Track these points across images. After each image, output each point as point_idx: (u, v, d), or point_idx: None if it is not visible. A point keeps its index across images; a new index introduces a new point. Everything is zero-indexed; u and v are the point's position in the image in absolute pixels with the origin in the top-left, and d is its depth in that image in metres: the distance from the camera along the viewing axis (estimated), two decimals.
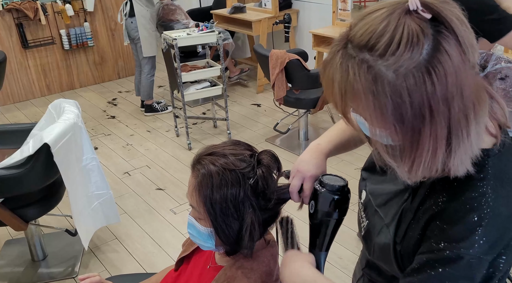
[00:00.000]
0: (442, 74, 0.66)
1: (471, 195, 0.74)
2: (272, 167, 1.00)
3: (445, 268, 0.73)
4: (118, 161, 3.62)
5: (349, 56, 0.69)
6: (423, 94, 0.66)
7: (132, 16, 4.03)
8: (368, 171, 0.98)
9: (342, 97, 0.71)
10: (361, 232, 0.97)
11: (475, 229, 0.72)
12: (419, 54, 0.65)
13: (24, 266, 2.51)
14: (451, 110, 0.68)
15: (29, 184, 2.05)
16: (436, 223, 0.76)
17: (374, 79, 0.67)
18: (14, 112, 4.71)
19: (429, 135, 0.69)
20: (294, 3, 4.77)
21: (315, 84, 3.35)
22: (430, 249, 0.76)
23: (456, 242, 0.73)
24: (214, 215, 0.97)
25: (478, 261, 0.72)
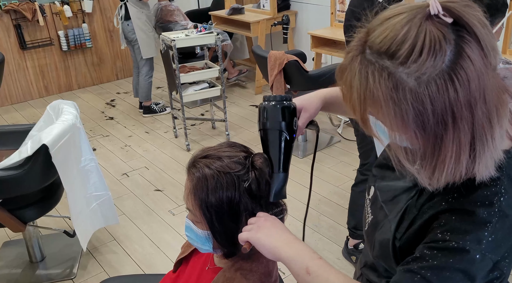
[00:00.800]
0: (465, 80, 0.64)
1: (483, 193, 0.73)
2: (265, 170, 1.00)
3: (448, 259, 0.72)
4: (116, 162, 3.62)
5: (369, 63, 0.68)
6: (446, 101, 0.65)
7: (128, 19, 4.04)
8: (380, 168, 0.97)
9: (361, 104, 0.70)
10: (365, 227, 0.97)
11: (485, 225, 0.71)
12: (441, 62, 0.64)
13: (22, 268, 2.51)
14: (475, 115, 0.66)
15: (27, 185, 2.04)
16: (445, 215, 0.75)
17: (395, 87, 0.65)
18: (12, 113, 4.70)
19: (452, 141, 0.67)
20: (293, 4, 4.78)
21: (313, 85, 3.35)
22: (434, 239, 0.74)
23: (463, 235, 0.71)
24: (210, 218, 0.97)
25: (482, 258, 0.71)
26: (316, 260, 0.84)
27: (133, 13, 4.02)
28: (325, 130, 3.96)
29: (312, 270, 0.82)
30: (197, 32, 3.51)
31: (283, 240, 0.88)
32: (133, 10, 4.01)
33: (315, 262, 0.84)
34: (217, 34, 3.51)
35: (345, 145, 3.65)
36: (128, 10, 4.01)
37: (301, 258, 0.84)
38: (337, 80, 0.76)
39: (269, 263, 1.05)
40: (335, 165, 3.34)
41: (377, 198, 0.93)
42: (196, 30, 3.56)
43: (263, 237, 0.88)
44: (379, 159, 1.00)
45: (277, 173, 0.97)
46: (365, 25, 0.73)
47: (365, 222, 0.98)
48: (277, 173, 0.97)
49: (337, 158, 3.44)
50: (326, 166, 3.33)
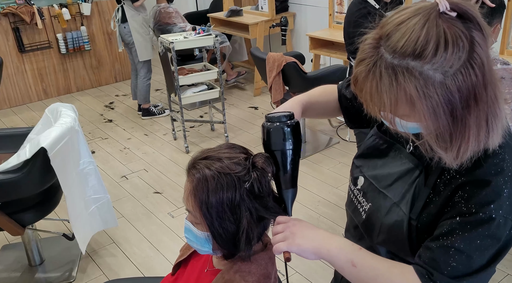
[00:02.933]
0: (480, 64, 0.72)
1: (494, 161, 0.80)
2: (267, 170, 1.00)
3: (477, 229, 0.79)
4: (115, 164, 3.62)
5: (394, 66, 0.73)
6: (469, 86, 0.72)
7: (124, 21, 4.04)
8: (364, 158, 1.02)
9: (392, 106, 0.75)
10: (361, 217, 0.98)
11: (503, 191, 0.79)
12: (464, 53, 0.71)
13: (21, 271, 2.50)
14: (488, 94, 0.74)
15: (26, 188, 2.04)
16: (466, 188, 0.81)
17: (425, 83, 0.71)
18: (11, 116, 4.70)
19: (474, 121, 0.75)
20: (291, 6, 4.79)
21: (312, 86, 3.34)
22: (461, 213, 0.80)
23: (487, 205, 0.78)
24: (211, 219, 0.97)
25: (504, 221, 0.79)
26: (358, 252, 0.88)
27: (130, 16, 4.02)
28: (324, 132, 3.96)
29: (356, 262, 0.86)
30: (195, 34, 3.52)
31: (320, 239, 0.90)
32: (130, 12, 4.01)
33: (357, 253, 0.88)
34: (215, 36, 3.51)
35: (343, 146, 3.65)
36: (125, 13, 4.01)
37: (344, 252, 0.88)
38: (353, 89, 0.81)
39: (267, 265, 1.05)
40: (334, 166, 3.34)
41: (372, 186, 0.97)
42: (195, 32, 3.56)
43: (302, 242, 0.89)
44: (361, 150, 1.03)
45: (288, 189, 0.99)
46: (368, 32, 0.78)
47: (358, 213, 1.00)
48: (289, 189, 0.99)
49: (336, 159, 3.44)
50: (325, 167, 3.33)
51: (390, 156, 0.95)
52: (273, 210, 1.01)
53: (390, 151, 0.96)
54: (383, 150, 0.97)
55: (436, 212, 0.85)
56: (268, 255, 1.07)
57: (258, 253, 1.05)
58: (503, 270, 2.33)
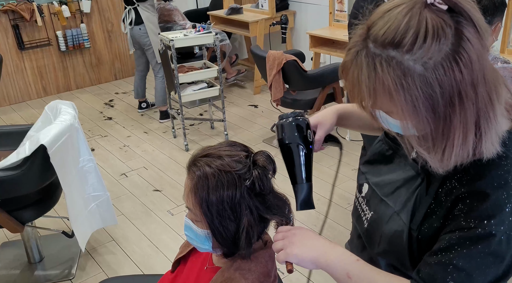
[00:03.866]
0: (468, 61, 0.68)
1: (497, 173, 0.75)
2: (268, 168, 1.00)
3: (477, 246, 0.74)
4: (115, 162, 3.61)
5: (374, 55, 0.70)
6: (453, 82, 0.68)
7: (139, 23, 3.94)
8: (370, 164, 0.98)
9: (371, 96, 0.72)
10: (363, 225, 0.96)
11: (505, 205, 0.74)
12: (445, 45, 0.67)
13: (21, 269, 2.50)
14: (478, 94, 0.70)
15: (25, 186, 2.04)
16: (466, 201, 0.76)
17: (404, 74, 0.68)
18: (10, 114, 4.69)
19: (460, 121, 0.70)
20: (291, 4, 4.78)
21: (312, 85, 3.35)
22: (460, 227, 0.76)
23: (487, 220, 0.73)
24: (211, 217, 0.97)
25: (508, 238, 0.74)
26: (355, 263, 0.85)
27: (146, 17, 3.94)
28: None
29: (352, 274, 0.83)
30: (195, 32, 3.51)
31: (318, 248, 0.88)
32: (145, 14, 3.93)
33: (355, 265, 0.84)
34: (215, 34, 3.50)
35: (344, 145, 3.65)
36: (139, 14, 3.92)
37: (341, 263, 0.85)
38: (341, 78, 0.78)
39: (267, 263, 1.05)
40: (334, 165, 3.34)
41: (374, 193, 0.93)
42: (195, 30, 3.55)
43: (300, 252, 0.88)
44: (367, 156, 1.01)
45: (301, 184, 1.00)
46: (364, 22, 0.75)
47: (361, 220, 0.98)
48: (301, 183, 1.00)
49: (336, 158, 3.44)
50: (325, 166, 3.33)
51: (395, 163, 0.92)
52: (273, 209, 1.01)
53: (395, 157, 0.93)
54: (388, 156, 0.95)
55: (438, 224, 0.80)
56: (268, 253, 1.07)
57: (258, 251, 1.05)
58: None
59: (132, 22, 3.96)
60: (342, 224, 2.69)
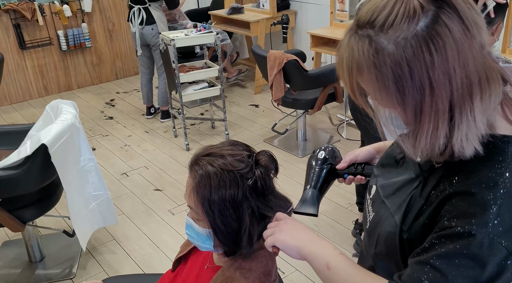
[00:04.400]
0: (441, 45, 0.67)
1: (488, 175, 0.73)
2: (270, 167, 1.00)
3: (455, 245, 0.71)
4: (116, 162, 3.62)
5: (356, 35, 0.73)
6: (422, 64, 0.68)
7: (150, 23, 3.89)
8: (382, 167, 0.99)
9: (350, 74, 0.75)
10: (366, 226, 0.97)
11: (490, 207, 0.70)
12: (415, 25, 0.68)
13: (21, 268, 2.51)
14: (453, 84, 0.69)
15: (26, 185, 2.04)
16: (452, 201, 0.74)
17: (376, 52, 0.70)
18: (12, 113, 4.70)
19: (430, 107, 0.70)
20: (292, 4, 4.78)
21: (313, 84, 3.35)
22: (442, 227, 0.74)
23: (469, 219, 0.71)
24: (213, 216, 0.97)
25: (490, 242, 0.69)
26: (337, 256, 0.85)
27: (158, 17, 3.91)
28: (325, 130, 3.96)
29: (332, 265, 0.84)
30: (196, 32, 3.51)
31: (305, 239, 0.90)
32: (157, 14, 3.90)
33: (336, 258, 0.85)
34: (216, 33, 3.50)
35: (344, 145, 3.65)
36: (150, 14, 3.88)
37: (322, 254, 0.86)
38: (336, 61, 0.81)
39: (268, 262, 1.05)
40: None
41: (378, 195, 0.94)
42: (196, 29, 3.55)
43: (287, 239, 0.90)
44: (381, 159, 1.02)
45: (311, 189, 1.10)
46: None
47: (365, 221, 0.98)
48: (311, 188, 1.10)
49: None
50: None
51: (404, 166, 0.91)
52: (275, 208, 1.01)
53: (405, 160, 0.92)
54: (399, 160, 0.94)
55: (425, 225, 0.78)
56: (269, 252, 1.06)
57: (259, 250, 1.05)
58: None
59: (143, 22, 3.90)
60: (342, 223, 2.69)
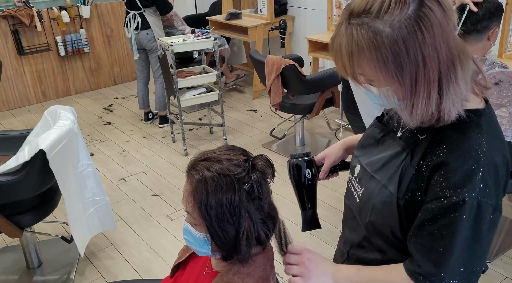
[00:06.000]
0: (429, 25, 0.80)
1: (470, 146, 0.85)
2: (267, 172, 1.00)
3: (455, 213, 0.84)
4: (114, 167, 3.61)
5: (351, 24, 0.83)
6: (416, 41, 0.80)
7: (146, 28, 3.93)
8: (363, 148, 1.09)
9: (350, 58, 0.84)
10: (356, 202, 1.06)
11: (475, 175, 0.83)
12: (406, 9, 0.80)
13: (19, 274, 2.50)
14: (440, 57, 0.82)
15: (24, 190, 2.04)
16: (441, 172, 0.86)
17: (374, 35, 0.80)
18: (10, 118, 4.69)
19: (424, 79, 0.82)
20: (290, 9, 4.80)
21: (311, 89, 3.36)
22: (437, 197, 0.86)
23: (460, 188, 0.83)
24: (210, 220, 0.97)
25: (478, 203, 0.83)
26: (358, 272, 0.99)
27: (153, 22, 3.94)
28: (323, 134, 3.96)
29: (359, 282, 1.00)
30: (194, 37, 3.52)
31: (329, 272, 1.02)
32: (151, 19, 3.93)
33: (358, 274, 0.99)
34: (214, 39, 3.51)
35: None
36: (145, 19, 3.91)
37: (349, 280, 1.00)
38: (329, 51, 0.90)
39: (266, 267, 1.05)
40: None
41: (365, 172, 1.03)
42: (194, 35, 3.57)
43: (317, 280, 1.01)
44: (360, 142, 1.12)
45: (305, 211, 1.22)
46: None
47: (354, 199, 1.08)
48: (304, 210, 1.22)
49: None
50: None
51: (385, 144, 1.02)
52: (272, 213, 1.01)
53: (385, 139, 1.03)
54: (379, 138, 1.05)
55: (419, 192, 0.90)
56: (267, 257, 1.07)
57: (257, 255, 1.05)
58: (501, 273, 2.33)
59: (139, 27, 3.94)
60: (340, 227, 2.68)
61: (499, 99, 1.84)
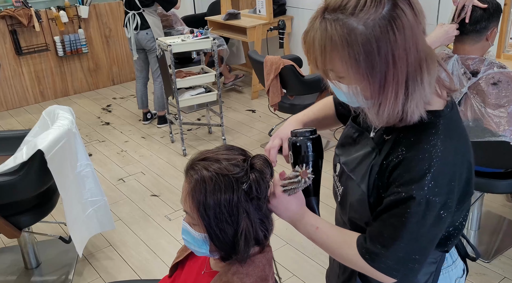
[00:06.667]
0: (401, 26, 0.82)
1: (424, 147, 0.90)
2: (265, 171, 1.00)
3: (403, 207, 0.91)
4: (112, 167, 3.61)
5: (326, 19, 0.84)
6: (387, 42, 0.82)
7: (145, 28, 3.91)
8: (342, 146, 1.13)
9: (322, 52, 0.85)
10: (338, 199, 1.12)
11: (425, 175, 0.88)
12: (381, 9, 0.81)
13: (17, 274, 2.49)
14: (408, 59, 0.84)
15: (22, 191, 2.03)
16: (397, 171, 0.92)
17: (348, 32, 0.82)
18: (8, 119, 4.69)
19: (392, 79, 0.84)
20: (288, 9, 4.80)
21: (309, 89, 3.36)
22: (392, 192, 0.93)
23: (410, 185, 0.90)
24: (208, 220, 0.97)
25: (427, 201, 0.89)
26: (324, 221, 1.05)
27: (152, 22, 3.93)
28: (321, 134, 3.96)
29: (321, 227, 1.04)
30: (193, 37, 3.52)
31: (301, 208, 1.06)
32: (151, 19, 3.92)
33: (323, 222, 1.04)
34: (213, 39, 3.51)
35: None
36: (144, 19, 3.90)
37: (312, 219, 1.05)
38: (302, 43, 0.91)
39: (265, 267, 1.05)
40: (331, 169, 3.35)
41: (344, 171, 1.07)
42: (192, 35, 3.56)
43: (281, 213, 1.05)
44: (339, 141, 1.15)
45: (313, 197, 1.12)
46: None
47: (337, 196, 1.13)
48: (313, 197, 1.12)
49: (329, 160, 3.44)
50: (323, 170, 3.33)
51: (360, 143, 1.06)
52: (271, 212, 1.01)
53: (360, 138, 1.07)
54: (355, 138, 1.08)
55: (381, 190, 0.96)
56: (266, 257, 1.07)
57: (256, 255, 1.05)
58: (500, 273, 2.33)
59: (138, 27, 3.92)
60: None
61: (498, 99, 1.85)
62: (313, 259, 2.49)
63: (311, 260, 2.49)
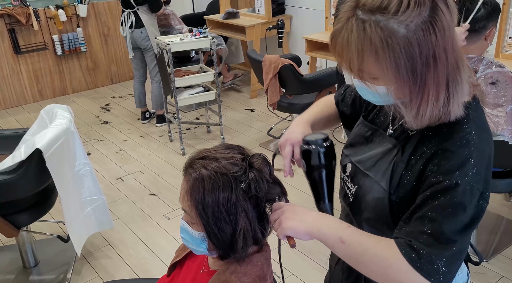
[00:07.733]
0: (441, 28, 0.81)
1: (460, 135, 0.87)
2: (264, 170, 1.00)
3: (446, 196, 0.84)
4: (111, 166, 3.61)
5: (364, 20, 0.81)
6: (429, 44, 0.80)
7: (140, 26, 3.91)
8: (352, 146, 1.09)
9: (359, 54, 0.82)
10: (349, 200, 1.06)
11: (468, 160, 0.85)
12: (424, 11, 0.79)
13: (16, 273, 2.49)
14: (448, 59, 0.83)
15: (21, 189, 2.03)
16: (435, 161, 0.87)
17: (389, 34, 0.79)
18: (6, 117, 4.68)
19: (433, 81, 0.82)
20: (287, 8, 4.80)
21: (308, 89, 3.37)
22: (430, 184, 0.87)
23: (452, 172, 0.84)
24: (206, 219, 0.97)
25: (471, 188, 0.84)
26: (346, 229, 0.93)
27: (146, 20, 3.92)
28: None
29: (345, 239, 0.91)
30: (192, 36, 3.52)
31: (311, 220, 0.95)
32: (145, 17, 3.91)
33: (346, 231, 0.92)
34: (212, 38, 3.51)
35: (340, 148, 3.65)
36: (139, 18, 3.89)
37: (333, 231, 0.93)
38: (330, 46, 0.88)
39: (263, 266, 1.05)
40: None
41: (358, 169, 1.04)
42: (191, 34, 3.56)
43: (295, 225, 0.95)
44: (349, 140, 1.12)
45: (328, 203, 1.07)
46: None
47: (347, 197, 1.07)
48: (328, 202, 1.08)
49: None
50: None
51: (374, 142, 1.03)
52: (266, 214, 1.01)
53: (374, 137, 1.04)
54: (368, 137, 1.06)
55: (411, 187, 0.91)
56: (264, 256, 1.07)
57: (254, 254, 1.05)
58: (498, 272, 2.34)
59: (133, 26, 3.92)
60: None
61: (496, 98, 1.85)
62: (312, 258, 2.50)
63: (310, 259, 2.50)
